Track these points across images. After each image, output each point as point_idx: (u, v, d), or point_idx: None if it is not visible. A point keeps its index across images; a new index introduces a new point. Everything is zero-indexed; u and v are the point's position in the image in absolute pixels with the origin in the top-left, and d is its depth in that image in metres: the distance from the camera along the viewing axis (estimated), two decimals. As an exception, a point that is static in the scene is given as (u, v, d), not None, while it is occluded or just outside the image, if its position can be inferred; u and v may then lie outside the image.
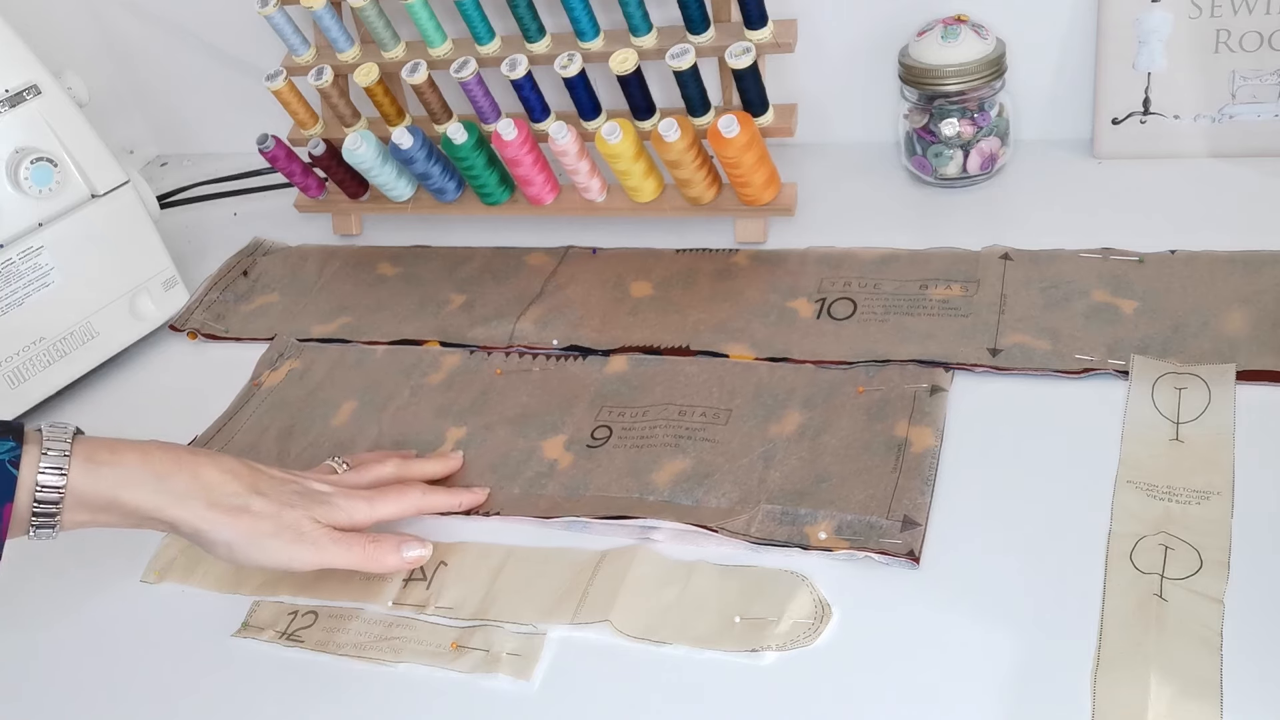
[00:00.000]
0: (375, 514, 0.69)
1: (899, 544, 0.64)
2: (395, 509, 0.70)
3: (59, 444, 0.61)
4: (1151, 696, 0.53)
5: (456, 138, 0.93)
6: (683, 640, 0.62)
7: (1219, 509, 0.62)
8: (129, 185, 0.96)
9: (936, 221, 0.92)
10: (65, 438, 0.61)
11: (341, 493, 0.68)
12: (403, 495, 0.70)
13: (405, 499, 0.70)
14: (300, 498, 0.66)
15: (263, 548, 0.64)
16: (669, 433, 0.75)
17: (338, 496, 0.68)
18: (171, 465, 0.64)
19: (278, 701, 0.65)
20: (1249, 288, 0.77)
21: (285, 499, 0.66)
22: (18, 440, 0.60)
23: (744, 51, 0.85)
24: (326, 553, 0.66)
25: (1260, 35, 0.87)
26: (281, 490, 0.66)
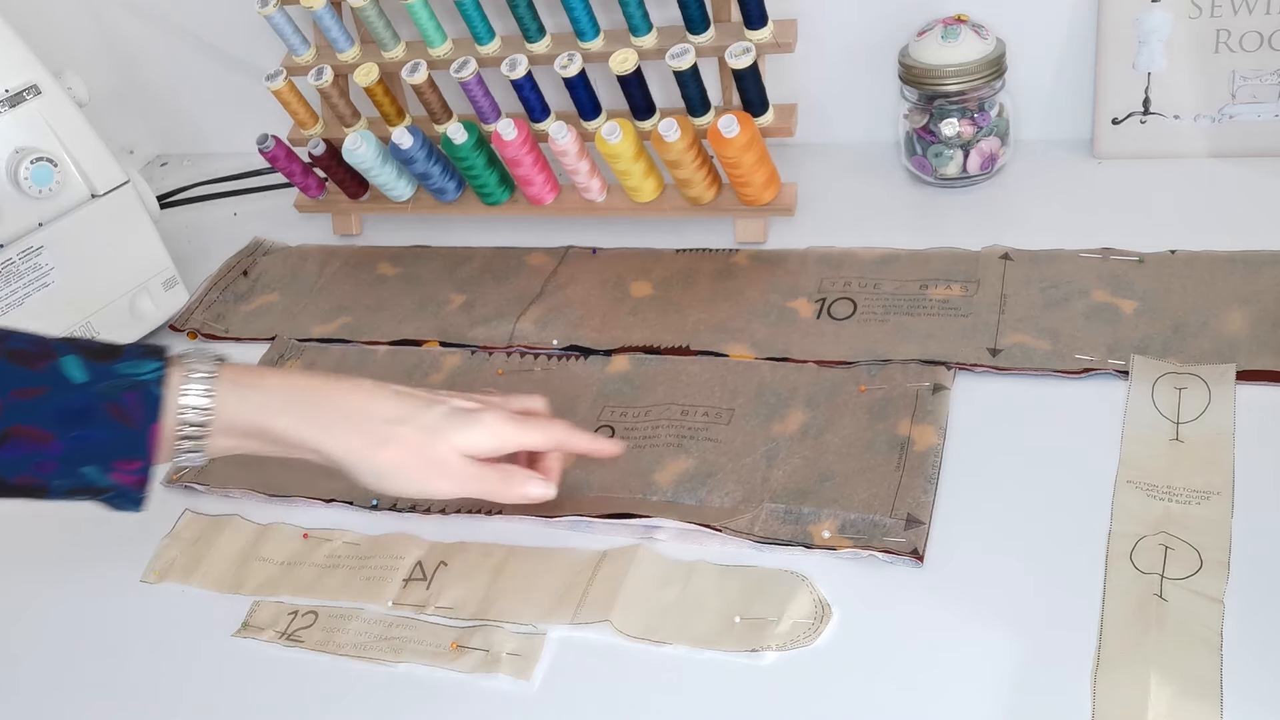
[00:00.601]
0: (522, 438, 0.66)
1: (903, 542, 0.64)
2: (541, 437, 0.67)
3: (204, 366, 0.60)
4: (1151, 696, 0.53)
5: (456, 138, 0.93)
6: (683, 640, 0.62)
7: (1219, 509, 0.62)
8: (129, 185, 0.96)
9: (936, 221, 0.92)
10: (211, 361, 0.61)
11: (491, 410, 0.66)
12: (550, 424, 0.68)
13: (551, 429, 0.68)
14: (447, 419, 0.64)
15: (408, 478, 0.64)
16: (672, 433, 0.75)
17: (486, 413, 0.65)
18: (317, 392, 0.63)
19: (278, 701, 0.65)
20: (1249, 288, 0.77)
21: (433, 424, 0.64)
22: (163, 362, 0.59)
23: (744, 51, 0.85)
24: (465, 485, 0.64)
25: (1260, 35, 0.87)
26: (428, 415, 0.64)
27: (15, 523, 0.82)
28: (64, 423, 0.56)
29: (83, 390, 0.57)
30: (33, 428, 0.56)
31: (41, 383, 0.56)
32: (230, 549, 0.75)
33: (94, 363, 0.58)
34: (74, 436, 0.56)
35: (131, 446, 0.58)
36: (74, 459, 0.57)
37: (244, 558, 0.74)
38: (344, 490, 0.77)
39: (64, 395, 0.56)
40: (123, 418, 0.57)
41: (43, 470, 0.57)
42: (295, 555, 0.74)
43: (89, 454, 0.57)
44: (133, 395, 0.58)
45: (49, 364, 0.57)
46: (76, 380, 0.57)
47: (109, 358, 0.58)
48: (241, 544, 0.75)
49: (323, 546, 0.74)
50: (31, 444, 0.56)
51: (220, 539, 0.76)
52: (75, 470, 0.57)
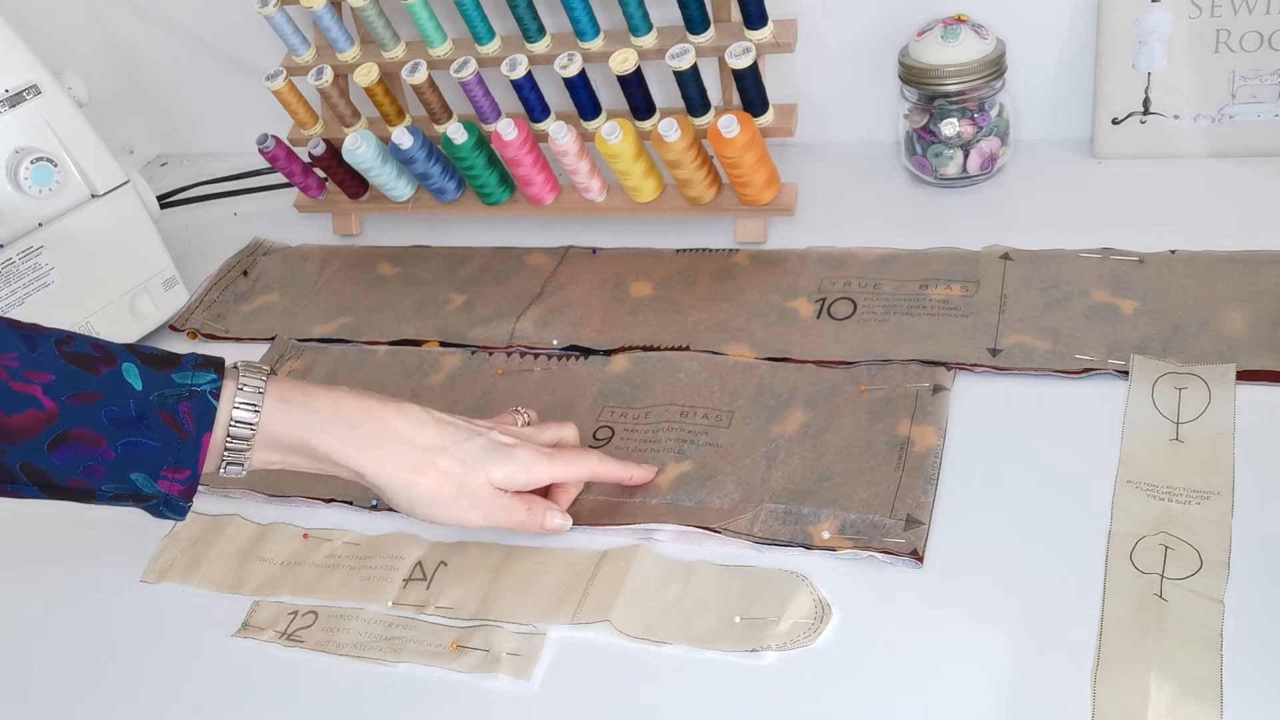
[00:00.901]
0: (554, 473, 0.68)
1: (903, 543, 0.64)
2: (573, 470, 0.69)
3: (255, 380, 0.61)
4: (1151, 696, 0.53)
5: (456, 138, 0.93)
6: (683, 640, 0.62)
7: (1219, 509, 0.62)
8: (129, 185, 0.96)
9: (936, 221, 0.92)
10: (261, 375, 0.62)
11: (525, 447, 0.68)
12: (580, 458, 0.70)
13: (583, 462, 0.69)
14: (485, 453, 0.66)
15: (441, 507, 0.65)
16: (672, 436, 0.75)
17: (521, 450, 0.67)
18: (362, 414, 0.64)
19: (278, 701, 0.65)
20: (1249, 288, 0.77)
21: (471, 457, 0.65)
22: (219, 374, 0.60)
23: (744, 51, 0.85)
24: (493, 517, 0.66)
25: (1260, 35, 0.87)
26: (468, 447, 0.66)
27: (15, 523, 0.82)
28: (118, 429, 0.57)
29: (139, 398, 0.57)
30: (88, 432, 0.56)
31: (99, 388, 0.57)
32: (230, 549, 0.75)
33: (152, 371, 0.59)
34: (126, 443, 0.57)
35: (182, 456, 0.58)
36: (125, 465, 0.57)
37: (244, 558, 0.74)
38: (344, 490, 0.77)
39: (120, 402, 0.57)
40: (175, 427, 0.58)
41: (93, 475, 0.57)
42: (295, 555, 0.74)
43: (139, 461, 0.58)
44: (187, 406, 0.58)
45: (109, 370, 0.58)
46: (134, 388, 0.58)
47: (167, 366, 0.59)
48: (241, 544, 0.75)
49: (323, 546, 0.74)
50: (85, 448, 0.56)
51: (220, 539, 0.76)
52: (125, 476, 0.58)
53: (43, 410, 0.56)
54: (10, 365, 0.56)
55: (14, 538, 0.81)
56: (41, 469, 0.57)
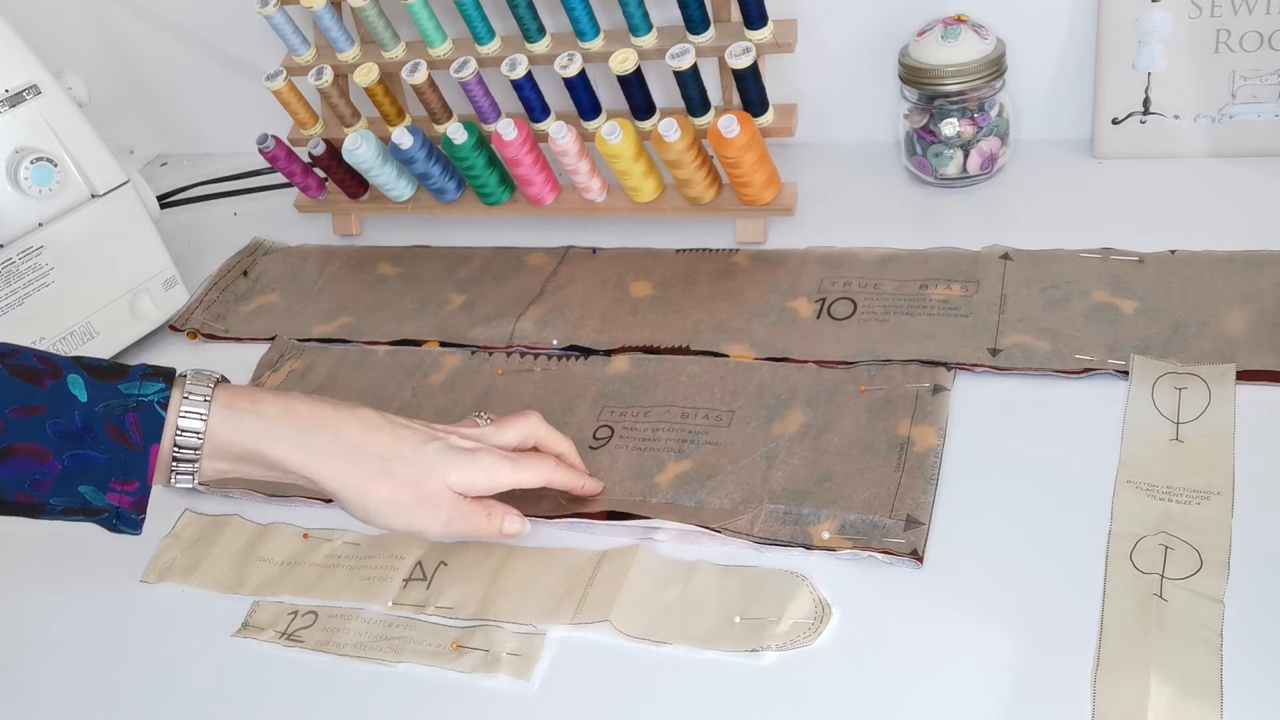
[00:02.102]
0: (515, 478, 0.67)
1: (902, 543, 0.64)
2: (532, 476, 0.68)
3: (202, 389, 0.60)
4: (1151, 696, 0.53)
5: (456, 138, 0.93)
6: (683, 640, 0.62)
7: (1219, 509, 0.62)
8: (129, 185, 0.96)
9: (936, 221, 0.92)
10: (208, 384, 0.61)
11: (487, 451, 0.66)
12: (540, 464, 0.68)
13: (542, 468, 0.68)
14: (443, 457, 0.65)
15: (397, 514, 0.64)
16: (672, 436, 0.75)
17: (482, 454, 0.66)
18: (314, 421, 0.63)
19: (278, 701, 0.65)
20: (1249, 288, 0.77)
21: (428, 462, 0.64)
22: (168, 383, 0.59)
23: (744, 51, 0.85)
24: (452, 525, 0.65)
25: (1260, 35, 0.87)
26: (424, 451, 0.64)
27: (16, 522, 0.82)
28: (64, 442, 0.56)
29: (84, 409, 0.57)
30: (33, 445, 0.56)
31: (44, 400, 0.56)
32: (230, 549, 0.75)
33: (98, 382, 0.58)
34: (73, 455, 0.56)
35: (130, 468, 0.58)
36: (72, 478, 0.57)
37: (244, 558, 0.74)
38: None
39: (65, 414, 0.56)
40: (122, 439, 0.57)
41: (40, 488, 0.57)
42: (295, 555, 0.74)
43: (87, 474, 0.57)
44: (134, 416, 0.58)
45: (54, 383, 0.57)
46: (79, 399, 0.57)
47: (114, 377, 0.58)
48: (241, 544, 0.75)
49: (323, 546, 0.74)
50: (31, 462, 0.56)
51: (220, 539, 0.76)
52: (73, 489, 0.57)
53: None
54: None
55: (14, 538, 0.81)
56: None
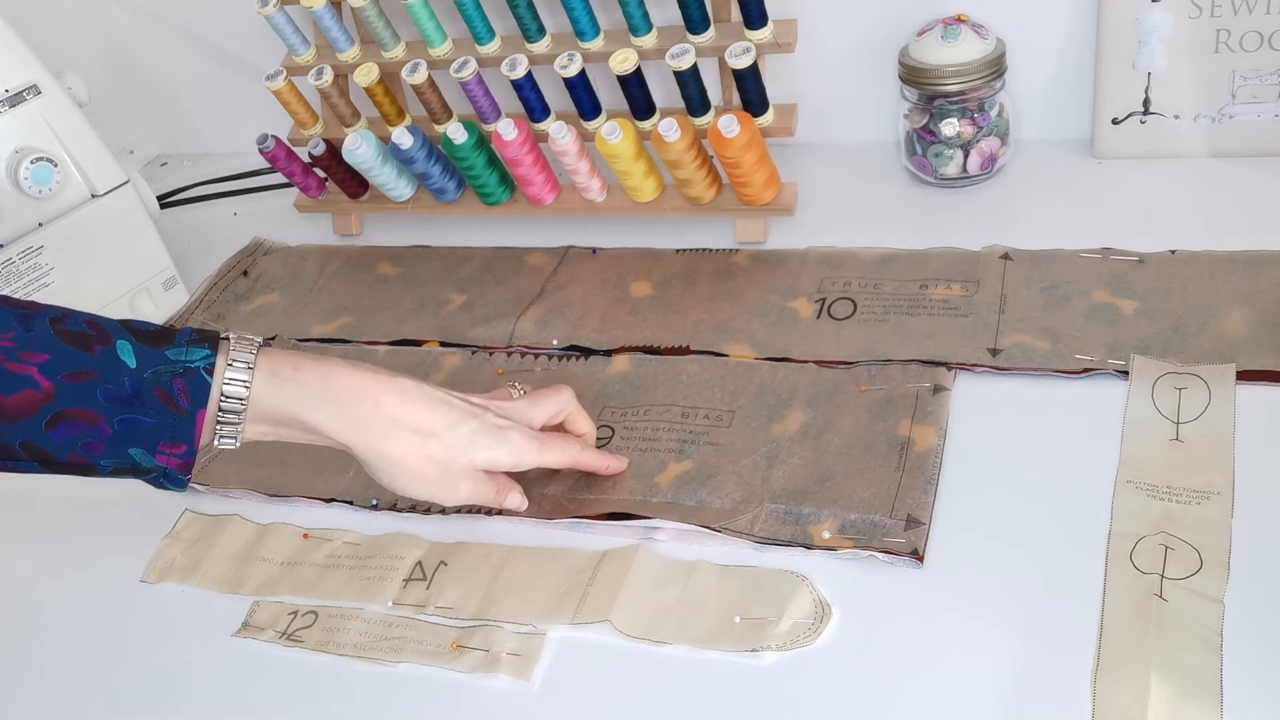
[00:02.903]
0: (541, 458, 0.69)
1: (903, 543, 0.64)
2: (559, 457, 0.70)
3: (244, 355, 0.61)
4: (1151, 697, 0.53)
5: (456, 138, 0.93)
6: (683, 640, 0.62)
7: (1219, 509, 0.62)
8: (129, 185, 0.96)
9: (936, 221, 0.92)
10: (251, 349, 0.62)
11: (517, 430, 0.68)
12: (566, 446, 0.70)
13: (568, 450, 0.70)
14: (475, 437, 0.66)
15: (420, 486, 0.66)
16: (673, 437, 0.75)
17: (513, 434, 0.68)
18: (355, 392, 0.64)
19: (278, 701, 0.65)
20: (1249, 288, 0.77)
21: (460, 442, 0.66)
22: (213, 349, 0.61)
23: (744, 51, 0.85)
24: (470, 497, 0.68)
25: (1260, 35, 0.87)
26: (459, 431, 0.66)
27: (16, 523, 0.82)
28: (114, 407, 0.57)
29: (133, 376, 0.58)
30: (85, 410, 0.57)
31: (94, 366, 0.57)
32: (230, 549, 0.75)
33: (146, 348, 0.59)
34: (123, 420, 0.57)
35: (178, 431, 0.59)
36: (122, 441, 0.58)
37: (244, 558, 0.74)
38: (344, 490, 0.77)
39: (115, 380, 0.57)
40: (170, 404, 0.58)
41: (92, 450, 0.58)
42: (295, 555, 0.74)
43: (137, 437, 0.58)
44: (181, 382, 0.59)
45: (103, 348, 0.58)
46: (129, 365, 0.58)
47: (161, 343, 0.60)
48: (241, 544, 0.75)
49: (323, 546, 0.74)
50: (82, 426, 0.57)
51: (220, 539, 0.76)
52: (123, 451, 0.58)
53: (39, 390, 0.56)
54: (6, 346, 0.56)
55: (13, 538, 0.81)
56: (40, 446, 0.57)
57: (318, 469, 0.80)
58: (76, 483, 0.84)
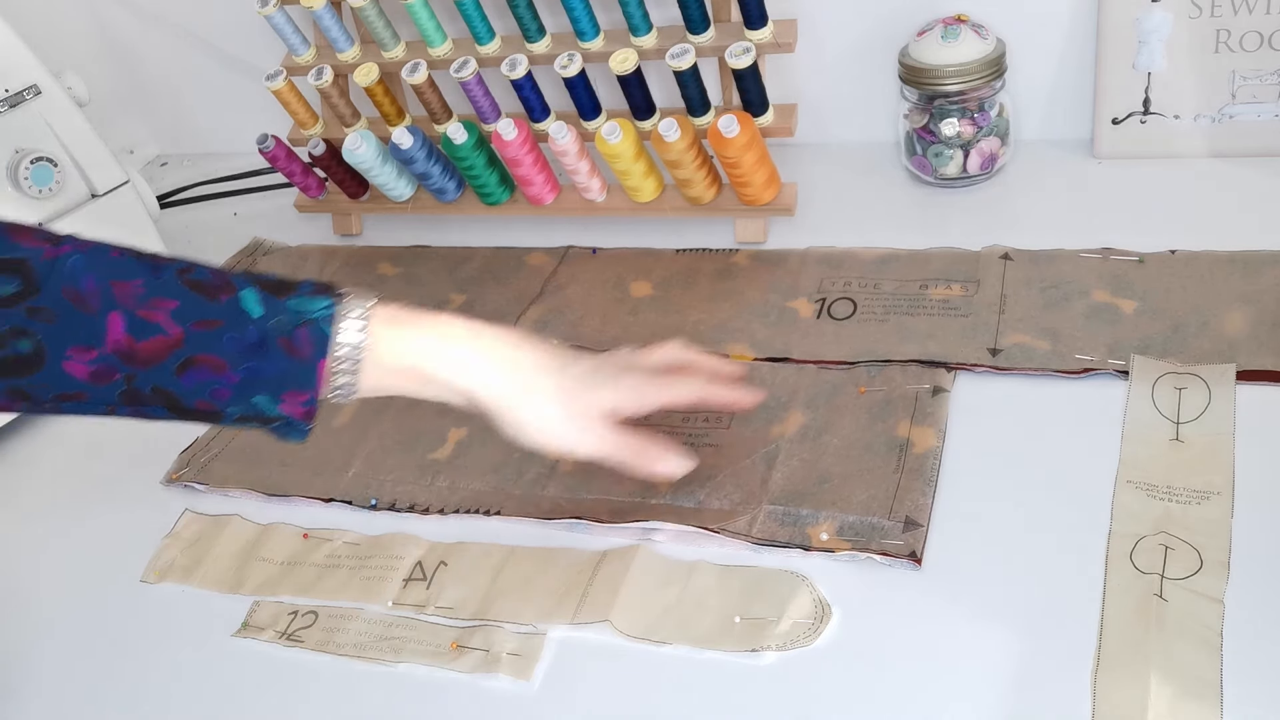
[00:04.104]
0: (663, 398, 0.68)
1: (901, 545, 0.64)
2: (683, 393, 0.69)
3: (364, 304, 0.62)
4: (1151, 696, 0.53)
5: (456, 138, 0.93)
6: (683, 640, 0.62)
7: (1219, 509, 0.62)
8: (129, 185, 0.96)
9: (936, 221, 0.92)
10: (368, 300, 0.62)
11: (635, 372, 0.68)
12: (689, 383, 0.69)
13: (692, 386, 0.69)
14: (593, 376, 0.66)
15: (547, 431, 0.65)
16: (672, 437, 0.75)
17: (632, 374, 0.67)
18: (470, 338, 0.64)
19: (278, 701, 0.65)
20: (1249, 288, 0.77)
21: (578, 380, 0.65)
22: (334, 300, 0.61)
23: (744, 51, 0.85)
24: (602, 445, 0.66)
25: (1260, 35, 0.87)
26: (574, 370, 0.66)
27: (16, 523, 0.82)
28: (240, 354, 0.58)
29: (258, 324, 0.58)
30: (212, 357, 0.57)
31: (220, 315, 0.58)
32: (230, 549, 0.75)
33: (270, 297, 0.60)
34: (248, 368, 0.58)
35: (301, 379, 0.59)
36: (247, 389, 0.58)
37: (244, 558, 0.74)
38: (344, 490, 0.77)
39: (240, 328, 0.58)
40: (293, 352, 0.59)
41: (219, 397, 0.58)
42: (295, 555, 0.74)
43: (261, 385, 0.59)
44: (304, 331, 0.59)
45: (228, 297, 0.59)
46: (253, 314, 0.59)
47: (284, 293, 0.60)
48: (241, 544, 0.75)
49: (323, 546, 0.74)
50: (210, 372, 0.57)
51: (220, 539, 0.76)
52: (248, 399, 0.59)
53: (168, 336, 0.57)
54: (137, 293, 0.57)
55: (14, 538, 0.81)
56: (170, 391, 0.57)
57: (317, 469, 0.80)
58: (75, 481, 0.85)
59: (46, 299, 0.55)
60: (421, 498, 0.76)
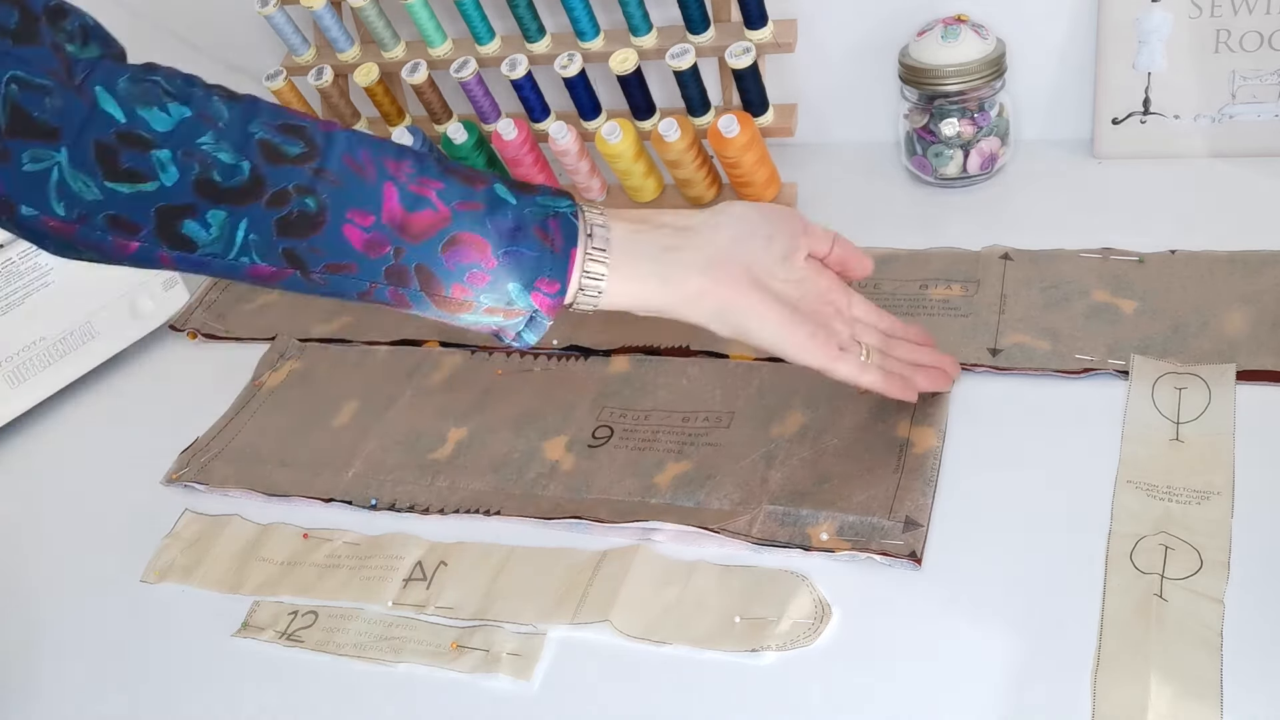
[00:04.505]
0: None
1: (901, 545, 0.64)
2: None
3: (601, 212, 0.64)
4: (1151, 696, 0.53)
5: (456, 138, 0.93)
6: (683, 640, 0.62)
7: (1219, 509, 0.62)
8: (129, 185, 0.96)
9: (936, 221, 0.92)
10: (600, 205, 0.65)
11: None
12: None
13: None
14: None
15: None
16: (672, 437, 0.75)
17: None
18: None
19: (278, 701, 0.65)
20: (1249, 288, 0.77)
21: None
22: (574, 201, 0.63)
23: (744, 51, 0.85)
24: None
25: (1260, 35, 0.87)
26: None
27: (16, 523, 0.82)
28: (500, 237, 0.59)
29: (515, 210, 0.60)
30: (476, 236, 0.59)
31: (481, 199, 0.60)
32: (230, 549, 0.75)
33: (519, 192, 0.61)
34: (507, 251, 0.59)
35: (554, 267, 0.60)
36: (504, 274, 0.60)
37: (244, 558, 0.74)
38: (344, 490, 0.77)
39: (501, 212, 0.60)
40: (548, 240, 0.60)
41: (476, 282, 0.60)
42: (295, 555, 0.74)
43: (518, 270, 0.60)
44: (554, 222, 0.61)
45: (484, 187, 0.60)
46: (509, 202, 0.60)
47: (530, 191, 0.62)
48: (241, 544, 0.75)
49: (323, 546, 0.74)
50: (473, 253, 0.59)
51: (220, 539, 0.76)
52: (502, 286, 0.60)
53: (437, 212, 0.58)
54: (407, 172, 0.59)
55: (14, 537, 0.81)
56: (432, 271, 0.59)
57: (318, 469, 0.80)
58: (75, 481, 0.85)
59: (330, 163, 0.57)
60: (421, 498, 0.76)
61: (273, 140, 0.56)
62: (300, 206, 0.56)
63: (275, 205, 0.56)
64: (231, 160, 0.55)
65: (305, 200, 0.56)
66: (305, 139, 0.57)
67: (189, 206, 0.55)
